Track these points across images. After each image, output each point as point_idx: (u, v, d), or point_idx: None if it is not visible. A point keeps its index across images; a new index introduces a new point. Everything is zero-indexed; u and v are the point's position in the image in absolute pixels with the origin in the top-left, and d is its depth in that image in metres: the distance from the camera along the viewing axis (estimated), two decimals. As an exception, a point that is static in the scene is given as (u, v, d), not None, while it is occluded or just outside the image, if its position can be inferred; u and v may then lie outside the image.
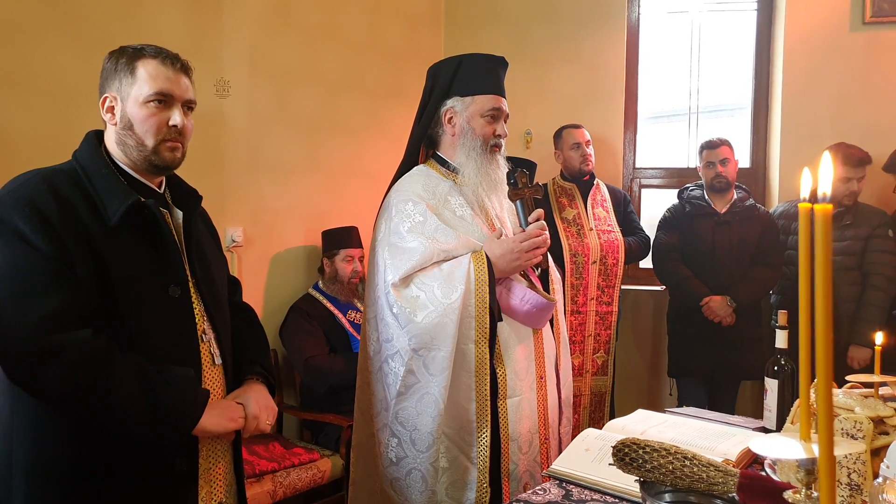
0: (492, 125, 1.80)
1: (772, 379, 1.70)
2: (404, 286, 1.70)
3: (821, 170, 0.46)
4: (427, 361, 1.68)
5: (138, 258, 1.25)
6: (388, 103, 3.50)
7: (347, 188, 3.34)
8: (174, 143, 1.31)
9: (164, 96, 1.29)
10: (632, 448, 1.04)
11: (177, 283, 1.30)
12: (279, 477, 2.53)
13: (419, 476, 1.71)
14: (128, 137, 1.29)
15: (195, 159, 2.77)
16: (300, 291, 3.08)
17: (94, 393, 1.14)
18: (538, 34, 3.68)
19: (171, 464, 1.26)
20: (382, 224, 1.81)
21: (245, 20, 2.91)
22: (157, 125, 1.28)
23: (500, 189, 1.85)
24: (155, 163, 1.31)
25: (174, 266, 1.31)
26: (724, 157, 2.99)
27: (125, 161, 1.31)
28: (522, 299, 1.76)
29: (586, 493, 1.36)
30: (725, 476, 0.96)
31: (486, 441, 1.69)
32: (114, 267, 1.21)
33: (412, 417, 1.71)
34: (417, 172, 1.86)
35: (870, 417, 1.23)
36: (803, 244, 0.62)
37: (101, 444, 1.21)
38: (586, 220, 3.14)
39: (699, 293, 2.93)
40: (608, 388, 3.17)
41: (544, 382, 1.85)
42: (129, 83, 1.28)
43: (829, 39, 3.26)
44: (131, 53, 1.30)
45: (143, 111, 1.27)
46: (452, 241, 1.73)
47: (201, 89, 2.77)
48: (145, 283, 1.25)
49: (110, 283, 1.20)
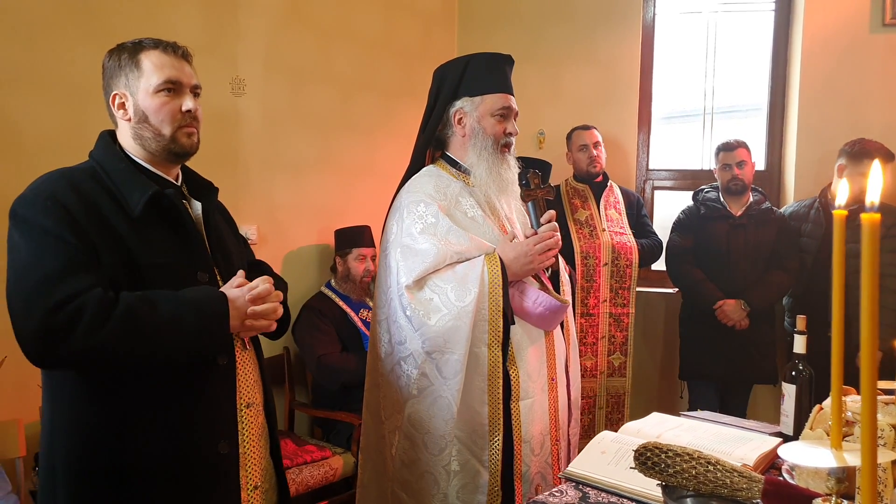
0: (502, 124, 1.79)
1: (789, 384, 1.69)
2: (418, 289, 1.69)
3: (871, 177, 0.45)
4: (440, 365, 1.67)
5: (165, 247, 1.27)
6: (401, 103, 3.50)
7: (360, 187, 3.35)
8: (190, 129, 1.33)
9: (174, 84, 1.30)
10: (654, 452, 1.03)
11: (204, 270, 1.32)
12: (291, 474, 2.53)
13: (431, 479, 1.70)
14: (144, 130, 1.30)
15: (210, 156, 2.80)
16: (313, 290, 3.09)
17: (129, 334, 1.14)
18: (552, 34, 3.67)
19: (215, 447, 1.28)
20: (394, 225, 1.80)
21: (260, 19, 2.92)
22: (171, 113, 1.30)
23: (511, 190, 1.84)
24: (174, 150, 1.32)
25: (200, 253, 1.33)
26: (741, 160, 2.96)
27: (142, 155, 1.33)
28: (535, 301, 1.75)
29: (603, 495, 1.36)
30: (750, 482, 0.96)
31: (498, 444, 1.68)
32: (142, 256, 1.23)
33: (425, 420, 1.70)
34: (427, 173, 1.85)
35: (891, 424, 1.21)
36: (837, 251, 0.62)
37: (142, 436, 1.21)
38: (599, 222, 3.13)
39: (713, 297, 2.91)
40: (627, 390, 3.15)
41: (556, 384, 1.85)
42: (136, 77, 1.29)
43: (848, 41, 3.23)
44: (131, 48, 1.31)
45: (155, 101, 1.29)
46: (465, 243, 1.72)
47: (217, 87, 2.81)
48: (175, 270, 1.27)
49: (140, 271, 1.22)
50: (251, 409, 1.37)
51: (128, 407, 1.21)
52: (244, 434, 1.35)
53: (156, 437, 1.22)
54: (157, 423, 1.23)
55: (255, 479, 1.37)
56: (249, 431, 1.36)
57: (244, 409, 1.36)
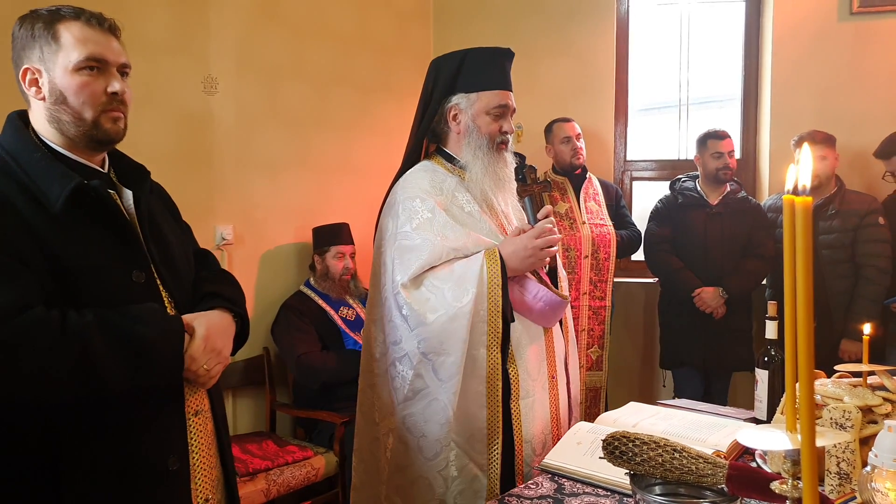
0: (497, 122, 1.74)
1: (762, 370, 1.71)
2: (414, 287, 1.64)
3: (800, 162, 0.46)
4: (437, 366, 1.62)
5: (94, 245, 1.14)
6: (377, 98, 3.49)
7: (338, 184, 3.33)
8: (116, 113, 1.17)
9: (98, 61, 1.14)
10: (621, 441, 1.04)
11: (140, 269, 1.19)
12: (273, 475, 2.52)
13: (426, 484, 1.65)
14: (61, 112, 1.14)
15: (183, 156, 2.80)
16: (291, 289, 3.07)
17: (72, 365, 1.03)
18: (527, 27, 3.67)
19: (164, 462, 1.18)
20: (389, 222, 1.74)
21: (232, 16, 2.89)
22: (94, 94, 1.14)
23: (508, 187, 1.80)
24: (97, 137, 1.17)
25: (134, 250, 1.19)
26: (732, 150, 3.02)
27: (59, 141, 1.17)
28: (536, 296, 1.70)
29: (578, 486, 1.37)
30: (714, 468, 0.97)
31: (497, 449, 1.63)
32: (69, 257, 1.09)
33: (420, 424, 1.65)
34: (422, 168, 1.80)
35: (858, 407, 1.23)
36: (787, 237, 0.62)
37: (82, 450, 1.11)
38: (579, 214, 3.14)
39: (690, 284, 2.94)
40: (603, 384, 3.17)
41: (556, 382, 1.80)
42: (52, 51, 1.13)
43: (817, 30, 3.27)
44: (47, 16, 1.14)
45: (75, 80, 1.13)
46: (462, 239, 1.67)
47: (188, 86, 2.78)
48: (107, 271, 1.14)
49: (68, 275, 1.09)
50: (199, 416, 1.26)
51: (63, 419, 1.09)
52: (193, 444, 1.24)
53: (98, 452, 1.11)
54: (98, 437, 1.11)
55: (205, 491, 1.26)
56: (199, 441, 1.25)
57: (192, 417, 1.24)
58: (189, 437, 1.24)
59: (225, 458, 1.34)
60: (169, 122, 2.70)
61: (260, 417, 3.03)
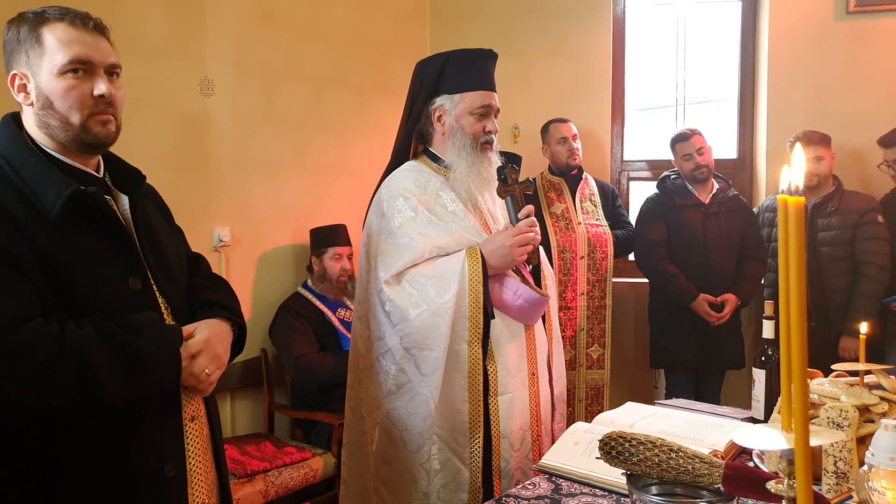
0: (481, 122, 1.78)
1: (759, 369, 1.71)
2: (397, 283, 1.68)
3: (793, 163, 0.46)
4: (419, 361, 1.66)
5: (90, 252, 1.12)
6: (374, 100, 3.48)
7: (335, 186, 3.33)
8: (104, 116, 1.14)
9: (83, 64, 1.12)
10: (618, 441, 1.04)
11: (136, 275, 1.17)
12: (271, 476, 2.52)
13: (410, 477, 1.69)
14: (49, 118, 1.12)
15: (180, 158, 2.79)
16: (289, 290, 3.07)
17: (71, 379, 1.03)
18: (524, 27, 3.67)
19: (161, 469, 1.18)
20: (373, 220, 1.79)
21: (229, 18, 2.88)
22: (80, 98, 1.11)
23: (493, 186, 1.83)
24: (87, 141, 1.14)
25: (130, 257, 1.18)
26: (699, 147, 2.97)
27: (52, 145, 1.15)
28: (515, 293, 1.74)
29: (576, 486, 1.37)
30: (711, 468, 0.97)
31: (479, 442, 1.67)
32: (65, 264, 1.08)
33: (403, 417, 1.69)
34: (408, 168, 1.84)
35: (855, 406, 1.23)
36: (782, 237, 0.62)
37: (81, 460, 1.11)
38: (574, 215, 3.14)
39: (687, 292, 2.90)
40: (606, 382, 3.17)
41: (536, 379, 1.84)
42: (37, 54, 1.11)
43: (814, 29, 3.27)
44: (32, 19, 1.12)
45: (60, 84, 1.10)
46: (445, 237, 1.71)
47: (185, 88, 2.78)
48: (103, 278, 1.13)
49: (64, 282, 1.08)
50: (196, 421, 1.26)
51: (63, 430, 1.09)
52: (190, 450, 1.24)
53: (96, 460, 1.11)
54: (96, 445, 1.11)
55: (201, 496, 1.26)
56: (195, 446, 1.25)
57: (189, 423, 1.24)
58: (186, 442, 1.24)
59: (220, 462, 1.35)
60: (166, 124, 2.70)
61: (258, 419, 3.02)
